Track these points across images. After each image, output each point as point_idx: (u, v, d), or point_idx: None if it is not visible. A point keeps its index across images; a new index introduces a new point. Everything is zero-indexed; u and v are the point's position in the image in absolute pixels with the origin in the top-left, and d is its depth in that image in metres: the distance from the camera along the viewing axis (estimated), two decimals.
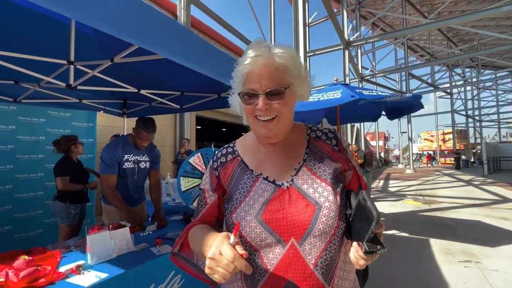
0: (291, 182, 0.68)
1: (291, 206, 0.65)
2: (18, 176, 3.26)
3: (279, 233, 0.64)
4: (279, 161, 0.72)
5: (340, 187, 0.69)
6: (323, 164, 0.71)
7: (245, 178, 0.72)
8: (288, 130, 0.73)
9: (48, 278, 1.12)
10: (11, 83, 2.60)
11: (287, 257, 0.63)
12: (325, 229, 0.63)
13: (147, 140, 2.07)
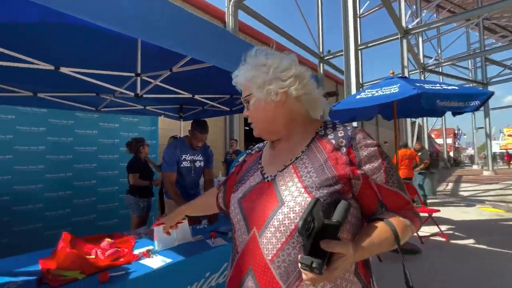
0: (273, 177, 0.71)
1: (261, 198, 0.69)
2: (100, 173, 3.87)
3: (248, 220, 0.69)
4: (279, 157, 0.76)
5: (326, 193, 0.62)
6: (312, 167, 0.67)
7: (253, 168, 0.80)
8: (277, 130, 0.77)
9: (126, 259, 1.33)
10: (94, 95, 3.12)
11: (249, 244, 0.68)
12: (279, 227, 0.63)
13: (201, 140, 2.28)
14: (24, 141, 3.22)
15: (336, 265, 0.53)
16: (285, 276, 0.62)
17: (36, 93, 2.90)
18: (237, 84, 0.80)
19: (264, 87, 0.72)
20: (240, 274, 0.70)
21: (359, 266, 0.67)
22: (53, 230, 3.38)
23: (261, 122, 0.77)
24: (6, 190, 3.07)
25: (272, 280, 0.63)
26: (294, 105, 0.74)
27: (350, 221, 0.66)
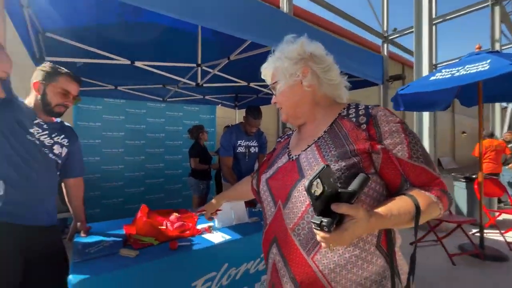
0: (297, 156, 0.76)
1: (286, 175, 0.75)
2: (167, 157, 4.33)
3: (275, 195, 0.76)
4: (303, 139, 0.81)
5: (344, 166, 0.65)
6: (333, 144, 0.71)
7: (282, 153, 0.86)
8: (302, 114, 0.81)
9: (191, 232, 1.47)
10: (161, 86, 3.46)
11: (275, 216, 0.75)
12: (299, 198, 0.68)
13: (254, 126, 2.33)
14: (109, 128, 3.79)
15: (346, 226, 0.55)
16: (305, 243, 0.67)
17: (116, 87, 3.35)
18: (265, 76, 0.86)
19: (288, 73, 0.77)
20: (267, 243, 0.79)
21: (381, 240, 0.68)
22: (130, 204, 3.95)
23: (288, 107, 0.82)
24: (97, 169, 3.69)
25: (292, 247, 0.69)
26: (318, 89, 0.78)
27: (372, 196, 0.67)
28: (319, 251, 0.66)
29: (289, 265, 0.70)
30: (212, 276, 1.38)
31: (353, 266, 0.65)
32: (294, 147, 0.83)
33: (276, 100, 0.84)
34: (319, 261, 0.66)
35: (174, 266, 1.26)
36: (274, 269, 0.75)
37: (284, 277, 0.71)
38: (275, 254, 0.74)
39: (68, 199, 1.54)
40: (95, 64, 2.37)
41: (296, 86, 0.78)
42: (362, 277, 0.65)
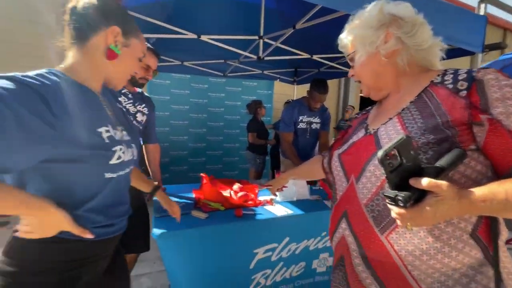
0: (375, 130, 0.70)
1: (361, 149, 0.71)
2: (226, 131, 4.53)
3: (347, 169, 0.73)
4: (385, 112, 0.73)
5: (432, 139, 0.56)
6: (420, 115, 0.61)
7: (358, 128, 0.80)
8: (385, 85, 0.73)
9: (254, 202, 1.51)
10: (222, 61, 3.52)
11: (347, 191, 0.72)
12: (375, 172, 0.63)
13: (319, 101, 2.19)
14: (176, 101, 4.11)
15: (427, 203, 0.48)
16: (379, 220, 0.63)
17: (182, 62, 3.54)
18: (343, 47, 0.79)
19: (368, 41, 0.70)
20: (336, 218, 0.76)
21: (480, 228, 0.57)
22: (193, 172, 4.33)
23: (368, 79, 0.75)
24: (165, 139, 4.09)
25: (364, 223, 0.65)
26: (403, 56, 0.69)
27: (470, 176, 0.56)
28: (395, 230, 0.60)
29: (360, 241, 0.67)
30: (273, 247, 1.43)
31: (438, 252, 0.57)
32: (372, 121, 0.77)
33: (354, 72, 0.77)
34: (395, 241, 0.60)
35: (239, 231, 1.33)
36: (343, 243, 0.73)
37: (354, 251, 0.69)
38: (344, 229, 0.71)
39: (148, 162, 1.73)
40: (165, 40, 2.51)
41: (377, 54, 0.69)
42: (449, 267, 0.57)
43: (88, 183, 0.65)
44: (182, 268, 1.26)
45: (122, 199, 0.76)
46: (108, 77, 0.74)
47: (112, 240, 0.75)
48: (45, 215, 0.57)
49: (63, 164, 0.60)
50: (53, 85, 0.58)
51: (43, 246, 0.61)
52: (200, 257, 1.28)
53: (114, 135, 0.70)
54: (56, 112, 0.55)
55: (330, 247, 1.62)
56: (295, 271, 1.56)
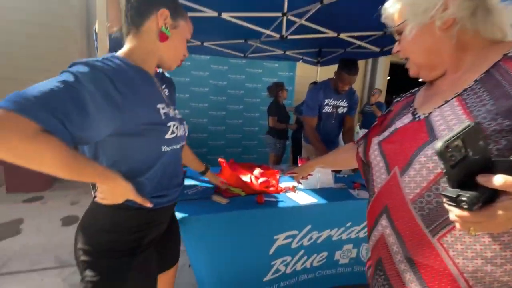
0: (427, 115, 0.59)
1: (408, 137, 0.61)
2: (246, 114, 4.46)
3: (389, 160, 0.64)
4: (439, 94, 0.62)
5: (507, 125, 0.45)
6: (490, 96, 0.50)
7: (402, 113, 0.70)
8: (440, 63, 0.61)
9: (275, 189, 1.46)
10: (242, 41, 3.39)
11: (388, 184, 0.63)
12: (426, 164, 0.53)
13: (348, 83, 2.03)
14: (196, 83, 4.07)
15: (500, 207, 0.38)
16: (429, 220, 0.53)
17: (202, 42, 3.45)
18: (388, 18, 0.67)
19: (421, 8, 0.58)
20: (374, 214, 0.67)
21: None
22: (212, 155, 4.35)
23: (419, 55, 0.63)
24: (186, 121, 4.10)
25: (410, 221, 0.56)
26: (467, 25, 0.56)
27: None
28: (450, 232, 0.51)
29: (405, 243, 0.58)
30: (293, 234, 1.39)
31: (506, 262, 0.47)
32: (422, 105, 0.65)
33: (401, 47, 0.65)
34: (450, 245, 0.51)
35: (260, 218, 1.29)
36: (382, 243, 0.64)
37: (398, 254, 0.59)
38: (385, 227, 0.62)
39: None
40: None
41: (431, 25, 0.57)
42: None
43: (146, 155, 0.73)
44: (202, 252, 1.26)
45: (175, 172, 0.84)
46: (161, 59, 0.80)
47: (167, 209, 0.84)
48: (115, 185, 0.67)
49: (126, 138, 0.68)
50: (117, 68, 0.66)
51: (114, 211, 0.73)
52: (219, 241, 1.27)
53: (168, 113, 0.78)
54: (121, 91, 0.63)
55: (354, 238, 1.55)
56: (316, 260, 1.53)
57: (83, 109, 0.56)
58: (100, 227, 0.74)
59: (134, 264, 0.75)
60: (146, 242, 0.79)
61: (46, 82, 0.54)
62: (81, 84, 0.57)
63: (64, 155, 0.54)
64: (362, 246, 1.61)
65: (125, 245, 0.75)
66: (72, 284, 1.75)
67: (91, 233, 0.74)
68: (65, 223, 2.58)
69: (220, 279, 1.35)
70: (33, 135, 0.49)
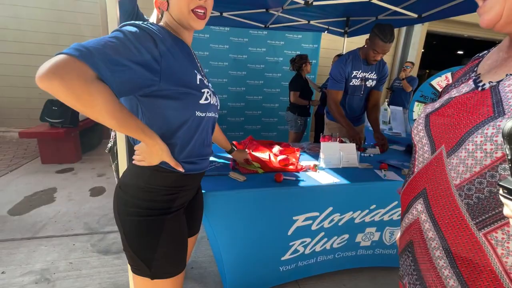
0: (495, 84, 0.47)
1: (463, 110, 0.50)
2: (266, 90, 4.31)
3: (434, 136, 0.54)
4: None
5: None
6: None
7: (461, 80, 0.58)
8: None
9: (295, 167, 1.39)
10: (263, 11, 3.16)
11: (430, 165, 0.54)
12: (483, 145, 0.43)
13: (382, 52, 1.81)
14: (215, 57, 3.94)
15: None
16: (477, 211, 0.46)
17: (221, 13, 3.27)
18: None
19: None
20: (409, 196, 0.60)
21: None
22: (232, 132, 4.33)
23: None
24: None
25: (453, 209, 0.49)
26: None
27: None
28: (502, 228, 0.43)
29: (443, 231, 0.51)
30: (314, 216, 1.33)
31: None
32: (489, 71, 0.52)
33: None
34: (499, 243, 0.44)
35: (278, 197, 1.24)
36: (416, 228, 0.57)
37: (433, 241, 0.53)
38: (420, 212, 0.56)
39: None
40: None
41: None
42: None
43: (181, 118, 0.77)
44: (219, 228, 1.25)
45: (207, 141, 0.88)
46: (181, 23, 0.81)
47: (197, 176, 0.89)
48: (154, 144, 0.71)
49: (162, 99, 0.72)
50: (159, 32, 0.72)
51: (150, 172, 0.78)
52: (236, 218, 1.25)
53: (203, 79, 0.82)
54: (161, 51, 0.69)
55: (378, 221, 1.46)
56: (336, 242, 1.48)
57: (130, 62, 0.62)
58: (137, 187, 0.79)
59: (166, 223, 0.80)
60: (177, 205, 0.84)
61: (101, 38, 0.62)
62: (130, 40, 0.64)
63: (112, 104, 0.60)
64: (386, 229, 1.53)
65: (160, 204, 0.80)
66: (100, 250, 1.87)
67: (129, 192, 0.79)
68: (93, 193, 2.72)
69: (237, 255, 1.35)
70: (91, 80, 0.56)
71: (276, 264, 1.44)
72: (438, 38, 7.17)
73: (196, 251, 1.93)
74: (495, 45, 0.58)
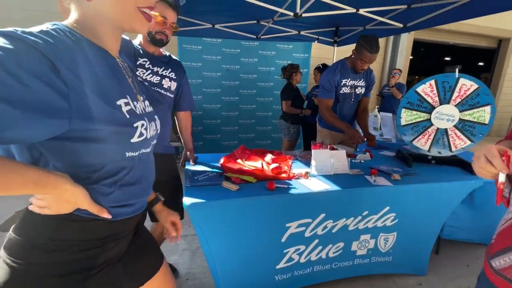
0: None
1: None
2: (259, 99, 4.36)
3: None
4: None
5: None
6: None
7: None
8: None
9: (287, 175, 1.41)
10: (255, 22, 3.24)
11: None
12: None
13: (369, 61, 1.89)
14: (208, 68, 3.99)
15: None
16: None
17: (213, 25, 3.34)
18: None
19: None
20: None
21: None
22: (226, 141, 4.35)
23: None
24: (198, 107, 4.08)
25: None
26: None
27: None
28: None
29: None
30: (307, 222, 1.34)
31: None
32: None
33: None
34: None
35: (271, 205, 1.26)
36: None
37: None
38: None
39: (179, 130, 1.70)
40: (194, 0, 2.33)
41: None
42: None
43: (107, 163, 0.58)
44: (213, 237, 1.25)
45: (143, 178, 0.69)
46: (114, 23, 0.58)
47: (132, 220, 0.69)
48: (61, 192, 0.52)
49: (78, 143, 0.53)
50: (61, 45, 0.48)
51: (58, 223, 0.56)
52: (229, 227, 1.25)
53: (134, 108, 0.62)
54: (66, 80, 0.47)
55: (372, 228, 1.48)
56: (332, 251, 1.49)
57: (7, 102, 0.40)
58: (35, 245, 0.55)
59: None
60: (103, 261, 0.62)
61: None
62: (3, 67, 0.40)
63: None
64: (380, 236, 1.55)
65: (72, 267, 0.57)
66: None
67: (21, 253, 0.54)
68: None
69: (231, 265, 1.34)
70: None
71: (271, 273, 1.44)
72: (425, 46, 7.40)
73: (191, 262, 1.92)
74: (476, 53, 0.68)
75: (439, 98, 1.63)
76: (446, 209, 1.60)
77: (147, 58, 1.36)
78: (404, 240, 1.61)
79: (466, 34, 6.60)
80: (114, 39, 0.61)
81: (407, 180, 1.44)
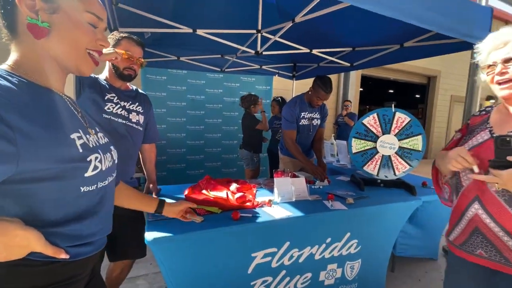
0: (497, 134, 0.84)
1: (486, 152, 0.85)
2: (224, 127, 4.44)
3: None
4: None
5: None
6: None
7: (480, 128, 0.92)
8: None
9: (251, 204, 1.46)
10: (219, 56, 3.43)
11: (475, 181, 0.87)
12: None
13: (324, 99, 2.15)
14: (173, 98, 4.01)
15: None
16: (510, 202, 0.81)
17: (179, 57, 3.45)
18: (503, 44, 0.81)
19: None
20: (466, 200, 0.90)
21: None
22: (191, 170, 4.26)
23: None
24: (163, 136, 4.00)
25: (498, 206, 0.83)
26: None
27: None
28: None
29: (496, 219, 0.83)
30: (272, 252, 1.37)
31: None
32: (499, 125, 0.87)
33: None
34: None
35: (236, 235, 1.28)
36: (477, 219, 0.87)
37: (495, 228, 0.84)
38: (477, 209, 0.87)
39: (143, 162, 1.67)
40: (160, 35, 2.42)
41: None
42: None
43: (61, 201, 0.56)
44: (178, 273, 1.21)
45: (102, 213, 0.67)
46: (61, 63, 0.59)
47: (90, 260, 0.66)
48: (10, 238, 0.48)
49: (30, 184, 0.51)
50: (2, 91, 0.48)
51: (9, 269, 0.52)
52: (195, 261, 1.23)
53: (87, 142, 0.61)
54: (11, 123, 0.46)
55: (338, 256, 1.55)
56: (300, 283, 1.50)
57: None
58: None
59: None
60: None
61: None
62: None
63: None
64: (346, 264, 1.61)
65: None
66: None
67: None
68: None
69: None
70: None
71: None
72: (372, 80, 8.42)
73: None
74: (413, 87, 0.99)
75: (382, 129, 1.87)
76: (395, 228, 1.76)
77: (114, 93, 1.36)
78: (367, 265, 1.70)
79: (402, 72, 7.72)
80: (59, 77, 0.62)
81: (360, 203, 1.58)
